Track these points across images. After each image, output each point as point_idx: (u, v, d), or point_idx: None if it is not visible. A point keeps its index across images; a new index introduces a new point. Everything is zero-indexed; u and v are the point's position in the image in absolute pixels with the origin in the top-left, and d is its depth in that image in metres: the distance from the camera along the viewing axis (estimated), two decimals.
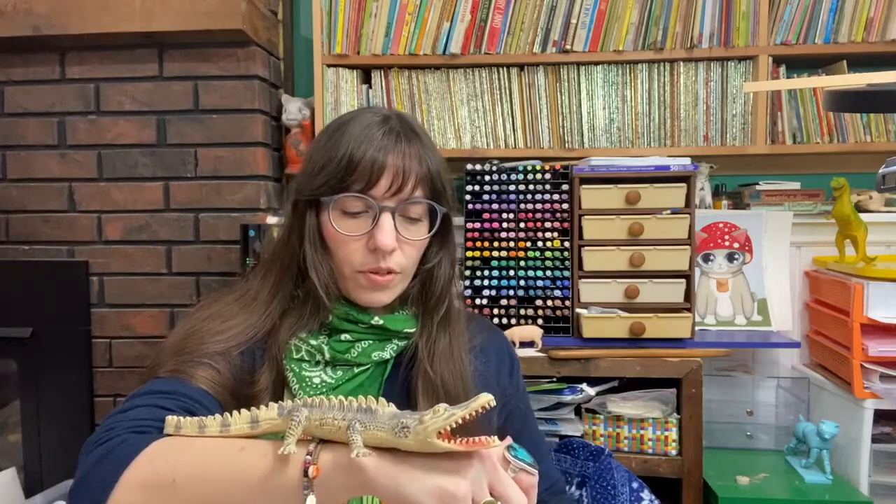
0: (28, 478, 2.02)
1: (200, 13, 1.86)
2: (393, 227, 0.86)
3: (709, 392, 1.70)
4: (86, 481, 0.68)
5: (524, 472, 0.67)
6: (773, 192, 1.97)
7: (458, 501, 0.61)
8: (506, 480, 0.65)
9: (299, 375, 0.87)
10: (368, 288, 0.89)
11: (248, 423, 0.71)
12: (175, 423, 0.72)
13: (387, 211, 0.86)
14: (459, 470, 0.63)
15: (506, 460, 0.66)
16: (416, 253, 0.91)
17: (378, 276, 0.88)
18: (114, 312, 2.04)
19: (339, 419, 0.65)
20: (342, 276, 0.90)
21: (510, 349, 1.07)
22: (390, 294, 0.91)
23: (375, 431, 0.64)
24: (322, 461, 0.65)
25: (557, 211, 1.74)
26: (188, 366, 0.83)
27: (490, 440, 0.62)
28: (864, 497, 1.60)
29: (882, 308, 1.65)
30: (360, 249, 0.87)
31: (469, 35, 1.95)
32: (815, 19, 1.89)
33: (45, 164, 2.03)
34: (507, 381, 1.03)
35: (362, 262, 0.87)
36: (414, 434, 0.62)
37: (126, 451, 0.69)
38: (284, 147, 2.09)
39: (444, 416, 0.61)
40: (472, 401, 0.62)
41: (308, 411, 0.67)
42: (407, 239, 0.89)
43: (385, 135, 0.87)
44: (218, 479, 0.67)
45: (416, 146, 0.89)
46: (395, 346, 0.92)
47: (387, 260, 0.87)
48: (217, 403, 0.81)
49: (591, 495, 1.38)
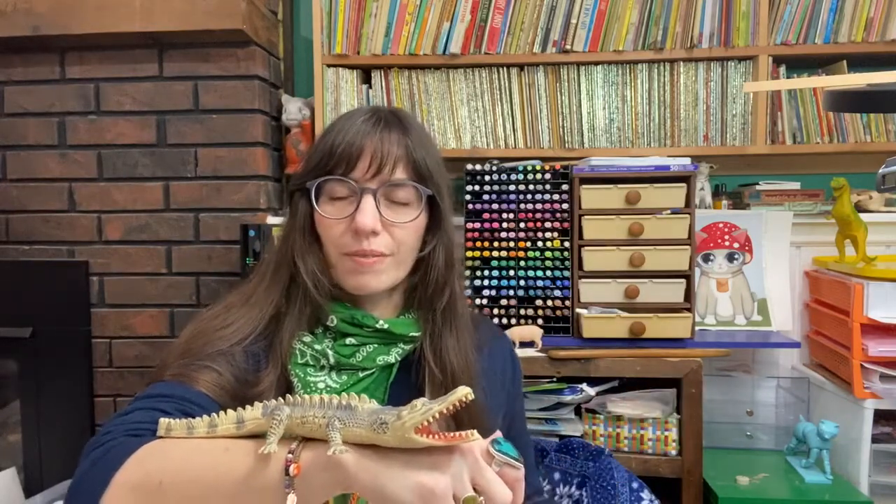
0: (28, 478, 2.02)
1: (200, 13, 1.86)
2: (374, 208, 0.87)
3: (709, 392, 1.70)
4: (81, 484, 0.70)
5: (509, 467, 0.65)
6: (773, 192, 1.97)
7: (437, 497, 0.61)
8: (489, 475, 0.63)
9: (304, 381, 0.87)
10: (354, 271, 0.89)
11: (234, 423, 0.71)
12: (166, 426, 0.73)
13: (368, 193, 0.87)
14: (439, 465, 0.62)
15: (490, 454, 0.65)
16: (407, 237, 0.90)
17: (363, 259, 0.88)
18: (114, 312, 2.04)
19: (319, 417, 0.65)
20: (331, 264, 0.91)
21: (514, 355, 1.08)
22: (380, 279, 0.90)
23: (354, 428, 0.64)
24: (303, 459, 0.65)
25: (557, 211, 1.74)
26: (190, 369, 0.83)
27: (469, 434, 0.62)
28: (864, 497, 1.60)
29: (882, 308, 1.65)
30: (345, 232, 0.88)
31: (469, 35, 1.95)
32: (815, 19, 1.89)
33: (45, 164, 2.03)
34: (511, 386, 1.04)
35: (346, 245, 0.88)
36: (392, 430, 0.62)
37: (118, 454, 0.70)
38: (284, 147, 2.09)
39: (421, 410, 0.61)
40: (450, 394, 0.62)
41: (290, 410, 0.67)
42: (393, 222, 0.88)
43: (366, 122, 0.90)
44: (202, 480, 0.68)
45: (396, 131, 0.90)
46: (400, 350, 0.92)
47: (370, 242, 0.87)
48: (217, 406, 0.81)
49: (591, 495, 1.38)
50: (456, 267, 0.96)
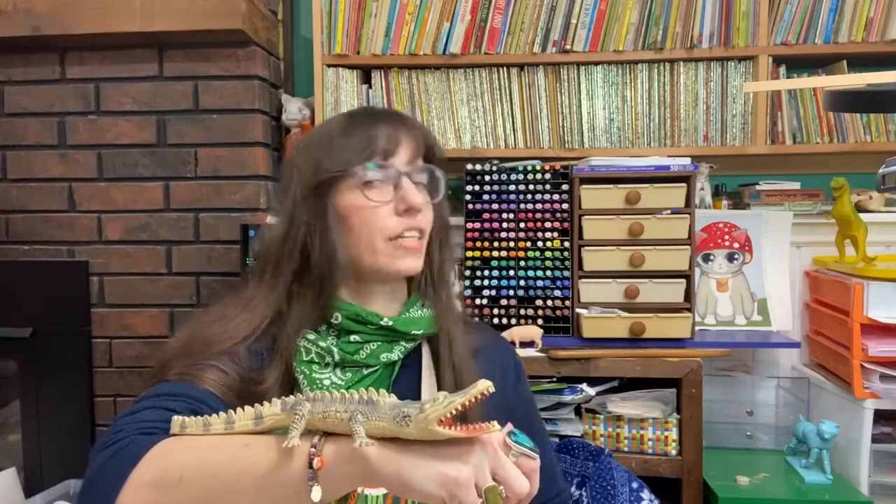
0: (28, 478, 2.02)
1: (200, 13, 1.86)
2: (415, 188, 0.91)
3: (709, 392, 1.70)
4: (95, 482, 0.69)
5: (525, 457, 0.68)
6: (773, 192, 1.97)
7: (460, 487, 0.62)
8: (507, 465, 0.65)
9: (310, 378, 0.87)
10: (404, 255, 0.91)
11: (252, 419, 0.72)
12: (181, 423, 0.73)
13: (405, 176, 0.91)
14: (461, 456, 0.63)
15: (507, 445, 0.67)
16: (431, 220, 0.94)
17: (411, 242, 0.91)
18: (114, 312, 2.04)
19: (341, 411, 0.66)
20: (372, 250, 0.90)
21: (516, 359, 1.07)
22: (420, 260, 0.93)
23: (377, 422, 0.65)
24: (326, 452, 0.66)
25: (557, 211, 1.74)
26: (195, 369, 0.83)
27: (490, 425, 0.63)
28: (864, 497, 1.60)
29: (882, 308, 1.65)
30: (388, 215, 0.90)
31: (469, 35, 1.95)
32: (815, 19, 1.89)
33: (45, 164, 2.03)
34: (512, 391, 1.02)
35: (391, 227, 0.90)
36: (415, 423, 0.63)
37: (133, 451, 0.69)
38: (284, 147, 2.09)
39: (443, 403, 0.62)
40: (472, 387, 0.63)
41: (311, 405, 0.68)
42: (428, 201, 0.93)
43: (386, 115, 0.95)
44: (224, 475, 0.68)
45: (414, 124, 0.95)
46: (403, 348, 0.93)
47: (417, 219, 0.90)
48: (223, 405, 0.82)
49: (591, 495, 1.38)
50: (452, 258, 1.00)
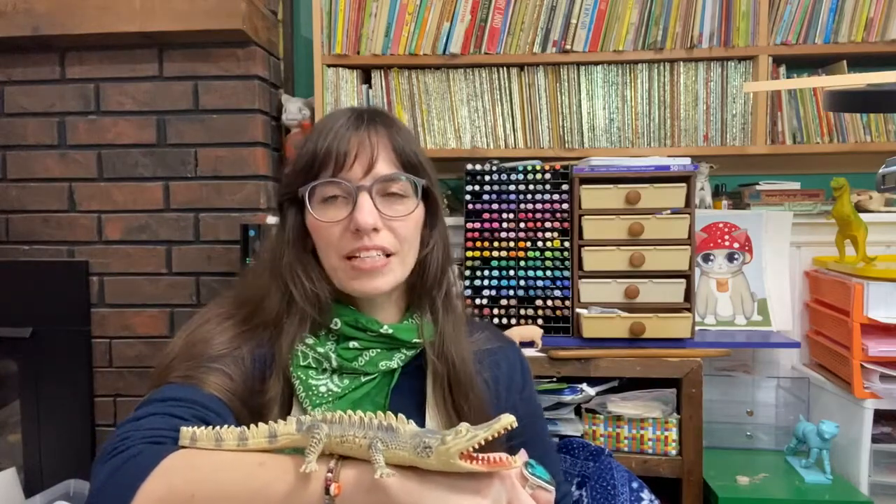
0: (28, 478, 2.02)
1: (200, 13, 1.86)
2: (372, 205, 0.85)
3: (709, 392, 1.70)
4: (103, 492, 0.68)
5: (542, 490, 0.68)
6: (773, 192, 1.97)
7: None
8: (525, 499, 0.65)
9: (306, 384, 0.86)
10: (360, 276, 0.87)
11: (266, 437, 0.70)
12: (191, 435, 0.71)
13: (363, 191, 0.85)
14: (481, 490, 0.63)
15: (524, 477, 0.68)
16: (407, 233, 0.89)
17: (364, 261, 0.86)
18: (114, 312, 2.04)
19: (360, 437, 0.65)
20: (332, 268, 0.89)
21: (523, 362, 1.05)
22: (385, 279, 0.88)
23: (397, 451, 0.64)
24: (343, 479, 0.65)
25: (557, 211, 1.74)
26: (200, 371, 0.82)
27: (511, 460, 0.62)
28: (864, 497, 1.60)
29: (882, 308, 1.65)
30: (344, 234, 0.86)
31: (469, 35, 1.95)
32: (815, 19, 1.89)
33: (45, 164, 2.03)
34: (518, 397, 1.01)
35: (346, 247, 0.86)
36: (436, 454, 0.62)
37: (142, 464, 0.68)
38: (284, 147, 2.09)
39: (466, 437, 0.61)
40: (495, 421, 0.62)
41: (328, 428, 0.66)
42: (391, 217, 0.87)
43: (348, 121, 0.89)
44: (238, 495, 0.66)
45: (381, 127, 0.89)
46: (403, 356, 0.91)
47: (372, 239, 0.85)
48: (229, 410, 0.81)
49: (591, 495, 1.38)
50: (451, 260, 0.96)
